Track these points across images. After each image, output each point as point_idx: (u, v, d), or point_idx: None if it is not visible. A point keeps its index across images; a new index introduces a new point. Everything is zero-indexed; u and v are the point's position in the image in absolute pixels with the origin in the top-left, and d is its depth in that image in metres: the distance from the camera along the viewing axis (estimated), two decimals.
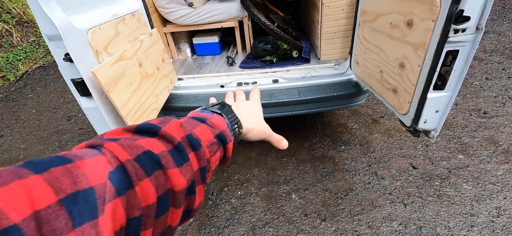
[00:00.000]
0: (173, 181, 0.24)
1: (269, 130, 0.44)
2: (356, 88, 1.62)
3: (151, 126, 0.27)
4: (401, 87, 1.06)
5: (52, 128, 2.53)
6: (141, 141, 0.24)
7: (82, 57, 0.85)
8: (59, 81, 3.45)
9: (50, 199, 0.16)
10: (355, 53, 1.52)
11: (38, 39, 4.05)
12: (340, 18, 1.74)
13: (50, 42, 0.79)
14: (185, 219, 0.28)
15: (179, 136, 0.27)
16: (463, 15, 0.73)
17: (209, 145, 0.30)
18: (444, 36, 0.79)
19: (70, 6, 0.85)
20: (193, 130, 0.30)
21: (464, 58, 0.82)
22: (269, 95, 1.69)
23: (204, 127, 0.32)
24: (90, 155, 0.20)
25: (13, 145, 2.34)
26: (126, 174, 0.21)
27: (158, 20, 2.02)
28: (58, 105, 2.92)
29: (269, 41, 1.98)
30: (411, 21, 0.94)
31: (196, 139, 0.29)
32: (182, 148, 0.26)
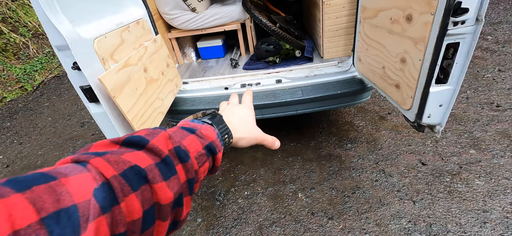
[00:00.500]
0: (159, 195, 0.24)
1: (261, 135, 0.44)
2: (360, 85, 1.61)
3: (139, 138, 0.26)
4: (403, 82, 1.05)
5: (67, 134, 2.64)
6: (128, 155, 0.24)
7: (89, 65, 0.90)
8: (72, 89, 3.60)
9: (31, 218, 0.16)
10: (357, 50, 1.51)
11: (53, 50, 4.24)
12: (342, 16, 1.74)
13: (59, 52, 0.84)
14: (171, 230, 0.28)
15: (167, 149, 0.27)
16: (462, 7, 0.72)
17: (197, 156, 0.31)
18: (443, 29, 0.78)
19: (77, 17, 0.90)
20: (181, 142, 0.30)
21: (466, 50, 0.80)
22: (272, 95, 1.70)
23: (193, 138, 0.32)
24: (75, 172, 0.20)
25: (31, 152, 2.46)
26: (111, 190, 0.21)
27: (163, 26, 2.08)
28: (72, 112, 3.04)
29: (271, 42, 2.00)
30: (410, 15, 0.94)
31: (184, 151, 0.29)
32: (170, 161, 0.26)
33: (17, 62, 3.83)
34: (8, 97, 3.48)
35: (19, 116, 3.11)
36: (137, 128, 1.07)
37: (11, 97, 3.50)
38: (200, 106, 1.71)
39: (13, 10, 4.07)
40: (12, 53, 3.85)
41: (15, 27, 4.03)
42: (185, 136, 0.31)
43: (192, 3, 1.96)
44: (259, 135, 0.44)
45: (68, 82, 3.85)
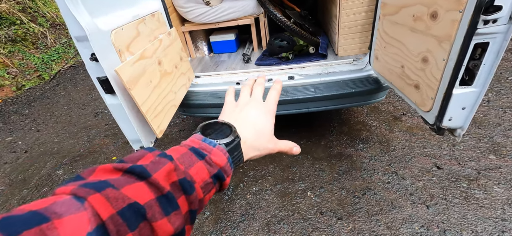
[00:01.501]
0: (159, 232, 0.24)
1: (276, 146, 0.41)
2: (376, 84, 1.56)
3: (142, 170, 0.25)
4: (423, 82, 1.01)
5: (82, 123, 2.72)
6: (128, 188, 0.23)
7: (106, 56, 0.91)
8: (88, 79, 3.69)
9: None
10: (374, 48, 1.46)
11: (69, 40, 4.35)
12: (359, 12, 1.68)
13: (78, 43, 0.85)
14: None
15: (169, 183, 0.26)
16: (494, 5, 0.68)
17: (203, 186, 0.30)
18: (472, 28, 0.73)
19: (95, 9, 0.91)
20: (188, 171, 0.29)
21: (495, 50, 0.75)
22: (284, 92, 1.68)
23: (201, 165, 0.30)
24: (70, 211, 0.20)
25: (48, 139, 2.56)
26: (106, 234, 0.21)
27: (177, 19, 2.09)
28: (87, 102, 3.13)
29: (284, 37, 1.97)
30: (436, 12, 0.89)
31: (189, 182, 0.28)
32: (172, 197, 0.25)
33: (35, 52, 3.96)
34: (27, 85, 3.61)
35: (37, 104, 3.23)
36: (151, 120, 1.08)
37: (30, 85, 3.64)
38: (211, 100, 1.72)
39: (33, 0, 4.20)
40: (31, 43, 3.98)
41: (34, 17, 4.16)
42: (193, 163, 0.30)
43: None
44: (274, 147, 0.41)
45: (83, 72, 3.96)
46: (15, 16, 3.88)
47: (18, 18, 3.91)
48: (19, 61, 3.75)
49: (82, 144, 2.41)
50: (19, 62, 3.74)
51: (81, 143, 2.42)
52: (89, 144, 2.39)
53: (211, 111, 1.79)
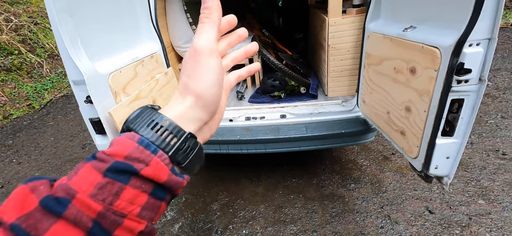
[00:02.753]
0: None
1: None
2: (364, 125, 1.62)
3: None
4: (408, 130, 1.05)
5: (67, 156, 2.62)
6: None
7: (102, 99, 0.92)
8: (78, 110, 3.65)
9: None
10: (361, 92, 1.54)
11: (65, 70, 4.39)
12: (346, 59, 1.81)
13: (75, 86, 0.87)
14: None
15: (17, 214, 0.20)
16: (464, 68, 0.75)
17: (96, 192, 0.22)
18: (447, 86, 0.80)
19: (96, 53, 0.95)
20: (69, 183, 0.22)
21: (470, 106, 0.82)
22: (276, 130, 1.71)
23: (87, 167, 0.23)
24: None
25: (28, 173, 2.43)
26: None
27: (174, 57, 2.17)
28: (75, 133, 3.06)
29: (277, 77, 2.06)
30: (414, 68, 0.97)
31: (58, 199, 0.21)
32: (19, 230, 0.20)
33: (29, 81, 3.96)
34: (15, 114, 3.53)
35: (22, 134, 3.13)
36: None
37: (18, 114, 3.56)
38: None
39: (34, 33, 4.31)
40: (26, 72, 3.99)
41: (33, 47, 4.24)
42: (79, 169, 0.23)
43: None
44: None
45: (75, 102, 3.93)
46: (14, 47, 3.94)
47: (16, 49, 3.97)
48: (10, 89, 3.71)
49: None
50: (10, 91, 3.70)
51: None
52: None
53: (204, 147, 1.78)
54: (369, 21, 1.37)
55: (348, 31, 1.70)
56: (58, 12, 0.69)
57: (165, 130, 0.26)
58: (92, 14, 0.92)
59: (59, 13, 0.69)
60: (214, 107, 0.30)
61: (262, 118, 1.82)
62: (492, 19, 0.69)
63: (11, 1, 4.41)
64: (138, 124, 0.26)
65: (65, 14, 0.72)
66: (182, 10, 1.93)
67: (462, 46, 0.73)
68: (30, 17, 4.43)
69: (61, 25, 0.70)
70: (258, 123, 1.79)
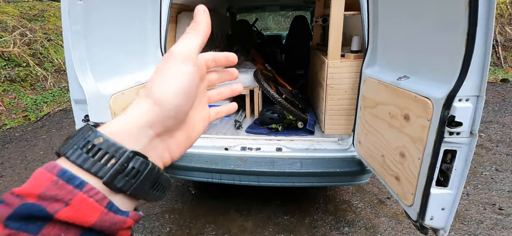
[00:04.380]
0: None
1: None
2: (360, 166, 1.61)
3: None
4: (403, 176, 1.05)
5: None
6: None
7: (99, 119, 0.93)
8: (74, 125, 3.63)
9: None
10: (357, 133, 1.56)
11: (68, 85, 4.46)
12: (343, 99, 1.86)
13: (76, 105, 0.88)
14: None
15: None
16: (455, 120, 0.78)
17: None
18: (440, 136, 0.82)
19: (102, 74, 0.98)
20: None
21: (463, 158, 0.83)
22: (271, 163, 1.69)
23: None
24: None
25: (8, 186, 2.33)
26: None
27: None
28: None
29: (276, 110, 2.10)
30: (408, 115, 1.00)
31: None
32: None
33: (31, 92, 3.99)
34: (8, 125, 3.49)
35: (12, 146, 3.06)
36: None
37: (12, 124, 3.52)
38: (197, 163, 1.69)
39: (45, 48, 4.46)
40: (30, 84, 4.04)
41: (42, 61, 4.35)
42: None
43: None
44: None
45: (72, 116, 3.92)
46: (23, 59, 4.04)
47: (25, 61, 4.06)
48: (10, 100, 3.72)
49: None
50: (10, 101, 3.71)
51: None
52: None
53: (195, 175, 1.74)
54: (365, 66, 1.44)
55: (346, 73, 1.78)
56: (73, 34, 0.73)
57: (99, 150, 0.20)
58: (104, 37, 0.97)
59: (74, 36, 0.73)
60: (175, 122, 0.25)
61: (258, 149, 1.81)
62: (479, 78, 0.74)
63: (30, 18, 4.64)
64: (68, 148, 0.20)
65: (79, 36, 0.76)
66: None
67: (453, 100, 0.77)
68: (45, 33, 4.62)
69: (73, 48, 0.74)
70: (253, 154, 1.78)
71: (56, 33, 4.83)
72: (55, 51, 4.56)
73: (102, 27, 0.91)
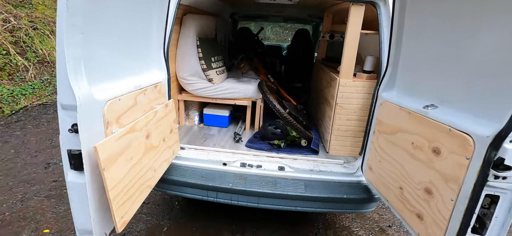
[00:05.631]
0: None
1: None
2: (367, 193, 1.52)
3: None
4: (428, 216, 0.96)
5: (24, 174, 2.26)
6: None
7: (90, 128, 0.77)
8: (54, 122, 3.33)
9: None
10: (368, 158, 1.48)
11: (52, 78, 4.15)
12: (352, 119, 1.79)
13: (62, 111, 0.72)
14: None
15: None
16: (504, 164, 0.69)
17: None
18: (483, 179, 0.74)
19: (99, 76, 0.82)
20: None
21: (507, 206, 0.74)
22: (273, 184, 1.56)
23: None
24: None
25: None
26: None
27: (175, 88, 2.08)
28: (42, 148, 2.72)
29: (279, 125, 1.99)
30: (438, 149, 0.92)
31: None
32: None
33: (8, 83, 3.65)
34: None
35: None
36: (116, 209, 0.86)
37: None
38: (191, 179, 1.54)
39: (30, 37, 4.14)
40: (8, 73, 3.71)
41: (24, 50, 4.03)
42: None
43: (211, 74, 2.01)
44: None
45: (53, 112, 3.61)
46: (3, 47, 3.72)
47: (5, 49, 3.74)
48: None
49: (13, 204, 1.92)
50: None
51: (12, 203, 1.93)
52: (22, 205, 1.91)
53: (188, 191, 1.58)
54: (382, 90, 1.37)
55: (357, 93, 1.71)
56: (69, 28, 0.58)
57: None
58: (105, 32, 0.83)
59: (70, 30, 0.59)
60: None
61: (259, 167, 1.68)
62: None
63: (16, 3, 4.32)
64: None
65: (76, 31, 0.61)
66: (194, 44, 1.91)
67: (503, 140, 0.69)
68: (31, 21, 4.31)
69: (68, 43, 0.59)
70: (253, 171, 1.65)
71: (43, 22, 4.53)
72: (40, 41, 4.25)
73: (104, 21, 0.77)
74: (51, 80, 4.13)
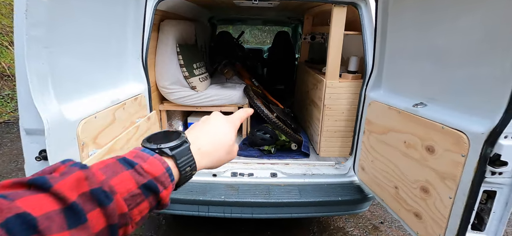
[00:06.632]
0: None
1: (235, 155, 0.42)
2: (361, 194, 1.52)
3: (43, 181, 0.23)
4: (426, 214, 0.96)
5: None
6: (23, 200, 0.21)
7: (61, 154, 0.67)
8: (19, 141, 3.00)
9: None
10: (360, 158, 1.48)
11: (13, 93, 3.75)
12: (340, 120, 1.79)
13: (27, 136, 0.61)
14: None
15: (77, 193, 0.24)
16: (501, 160, 0.71)
17: (128, 197, 0.27)
18: (481, 175, 0.74)
19: (69, 93, 0.72)
20: (109, 181, 0.27)
21: (504, 200, 0.76)
22: (267, 192, 1.51)
23: (126, 175, 0.28)
24: None
25: None
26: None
27: (157, 97, 1.95)
28: (7, 171, 2.42)
29: (268, 130, 1.95)
30: (432, 147, 0.93)
31: (105, 193, 0.25)
32: (77, 208, 0.23)
33: None
34: None
35: None
36: None
37: None
38: (180, 195, 1.44)
39: None
40: None
41: None
42: (117, 173, 0.28)
43: (194, 81, 1.92)
44: (234, 156, 0.42)
45: (17, 131, 3.26)
46: None
47: None
48: None
49: None
50: None
51: None
52: None
53: (178, 208, 1.48)
54: (369, 89, 1.38)
55: (344, 94, 1.72)
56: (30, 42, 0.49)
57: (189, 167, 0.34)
58: (74, 44, 0.72)
59: (31, 44, 0.49)
60: None
61: (251, 175, 1.63)
62: None
63: None
64: (178, 156, 0.33)
65: (39, 45, 0.52)
66: (174, 51, 1.81)
67: (498, 137, 0.70)
68: None
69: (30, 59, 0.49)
70: (245, 180, 1.59)
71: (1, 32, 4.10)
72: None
73: (72, 33, 0.67)
74: (12, 95, 3.73)
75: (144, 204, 0.29)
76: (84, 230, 0.23)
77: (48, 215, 0.22)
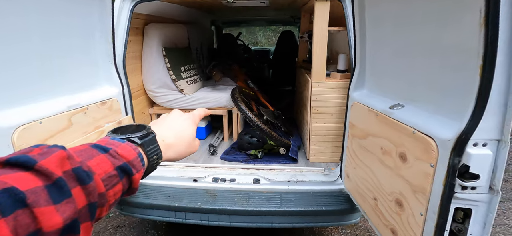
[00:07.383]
0: (43, 220, 0.22)
1: (195, 149, 0.45)
2: (349, 203, 1.39)
3: (26, 159, 0.23)
4: (401, 231, 0.83)
5: None
6: (7, 176, 0.21)
7: None
8: None
9: None
10: (345, 165, 1.36)
11: None
12: (330, 123, 1.67)
13: None
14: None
15: (61, 170, 0.25)
16: (470, 172, 0.57)
17: (105, 178, 0.29)
18: (450, 190, 0.62)
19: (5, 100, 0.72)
20: (86, 162, 0.28)
21: (481, 220, 0.62)
22: (246, 199, 1.44)
23: (103, 158, 0.30)
24: None
25: None
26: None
27: (145, 101, 1.99)
28: None
29: (255, 134, 1.88)
30: (404, 155, 0.80)
31: (86, 172, 0.26)
32: (62, 183, 0.24)
33: None
34: None
35: None
36: None
37: None
38: (157, 200, 1.43)
39: None
40: None
41: None
42: (93, 156, 0.29)
43: (181, 85, 1.92)
44: (194, 149, 0.44)
45: None
46: None
47: None
48: None
49: None
50: None
51: None
52: None
53: (154, 213, 1.46)
54: (353, 89, 1.26)
55: (332, 95, 1.60)
56: None
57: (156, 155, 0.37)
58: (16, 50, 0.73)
59: None
60: None
61: (232, 181, 1.57)
62: (500, 117, 0.55)
63: None
64: (146, 144, 0.35)
65: None
66: (160, 54, 1.82)
67: (466, 144, 0.57)
68: None
69: None
70: (226, 186, 1.53)
71: None
72: None
73: (14, 40, 0.68)
74: None
75: (118, 186, 0.30)
76: (69, 204, 0.24)
77: (34, 190, 0.22)
